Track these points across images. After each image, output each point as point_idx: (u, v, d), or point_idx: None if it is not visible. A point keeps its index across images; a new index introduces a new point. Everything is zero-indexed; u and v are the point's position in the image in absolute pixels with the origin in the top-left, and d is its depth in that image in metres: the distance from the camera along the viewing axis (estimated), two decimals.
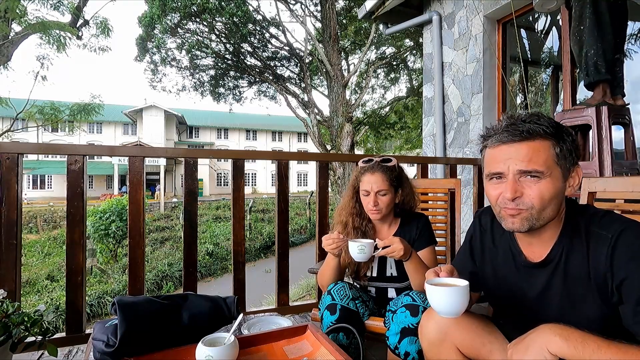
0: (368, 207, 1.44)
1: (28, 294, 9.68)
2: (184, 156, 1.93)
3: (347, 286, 1.40)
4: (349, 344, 1.28)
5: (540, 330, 0.73)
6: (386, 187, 1.43)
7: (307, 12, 12.73)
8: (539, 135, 0.80)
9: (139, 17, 12.12)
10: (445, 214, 2.03)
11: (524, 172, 0.80)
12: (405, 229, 1.49)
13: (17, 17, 8.57)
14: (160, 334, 1.08)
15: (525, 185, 0.81)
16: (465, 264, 1.08)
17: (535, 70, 4.61)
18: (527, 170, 0.80)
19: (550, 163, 0.80)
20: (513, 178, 0.81)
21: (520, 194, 0.81)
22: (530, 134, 0.80)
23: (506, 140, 0.82)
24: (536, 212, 0.81)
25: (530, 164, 0.79)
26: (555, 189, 0.80)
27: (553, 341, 0.69)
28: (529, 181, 0.80)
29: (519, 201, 0.81)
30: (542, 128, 0.80)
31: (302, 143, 36.60)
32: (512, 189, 0.81)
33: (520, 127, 0.81)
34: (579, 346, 0.67)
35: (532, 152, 0.80)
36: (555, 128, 0.82)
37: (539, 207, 0.80)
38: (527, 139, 0.80)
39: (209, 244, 14.06)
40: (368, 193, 1.44)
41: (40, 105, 10.82)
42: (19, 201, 1.62)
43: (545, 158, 0.80)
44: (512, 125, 0.82)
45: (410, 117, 15.38)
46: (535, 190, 0.80)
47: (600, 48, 1.92)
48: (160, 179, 23.25)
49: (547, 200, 0.80)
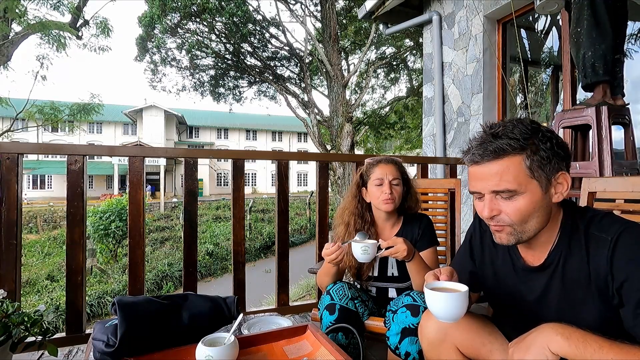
0: (382, 198, 1.42)
1: (28, 294, 9.68)
2: (184, 156, 1.93)
3: (347, 286, 1.40)
4: (348, 344, 1.28)
5: (542, 329, 0.72)
6: (399, 177, 1.45)
7: (307, 12, 12.73)
8: (506, 152, 0.79)
9: (139, 17, 12.12)
10: (445, 214, 2.03)
11: (496, 192, 0.81)
12: (408, 229, 1.49)
13: (17, 17, 8.57)
14: (160, 334, 1.08)
15: (502, 203, 0.81)
16: (464, 264, 1.08)
17: (535, 70, 4.61)
18: (498, 190, 0.80)
19: (522, 179, 0.79)
20: (489, 198, 0.82)
21: (498, 212, 0.82)
22: (498, 153, 0.79)
23: (477, 160, 0.82)
24: (518, 227, 0.81)
25: (502, 183, 0.79)
26: (533, 203, 0.80)
27: (554, 340, 0.68)
28: (503, 199, 0.81)
29: (498, 219, 0.82)
30: (510, 144, 0.78)
31: (302, 143, 36.60)
32: (488, 208, 0.82)
33: (489, 146, 0.80)
34: (580, 345, 0.66)
35: (502, 171, 0.79)
36: (527, 139, 0.79)
37: (518, 222, 0.81)
38: (496, 158, 0.79)
39: (209, 244, 14.05)
40: (381, 182, 1.43)
41: (40, 105, 10.82)
42: (19, 201, 1.62)
43: (515, 175, 0.78)
44: (482, 144, 0.81)
45: (410, 117, 15.38)
46: (510, 208, 0.80)
47: (598, 50, 1.92)
48: (160, 179, 23.24)
49: (526, 215, 0.80)
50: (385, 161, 1.48)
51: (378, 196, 1.43)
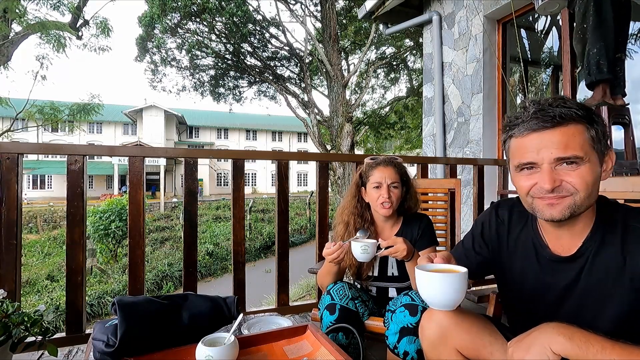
0: (379, 201, 1.42)
1: (28, 294, 9.67)
2: (184, 156, 1.93)
3: (347, 286, 1.40)
4: (348, 344, 1.28)
5: (543, 329, 0.71)
6: (398, 180, 1.44)
7: (307, 12, 12.73)
8: (572, 119, 0.75)
9: (139, 17, 12.12)
10: (445, 214, 2.03)
11: (560, 160, 0.76)
12: (408, 229, 1.49)
13: (17, 17, 8.57)
14: (160, 334, 1.08)
15: (563, 173, 0.76)
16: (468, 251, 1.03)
17: (535, 70, 4.61)
18: (564, 157, 0.75)
19: (587, 148, 0.75)
20: (549, 167, 0.76)
21: (559, 183, 0.76)
22: (563, 119, 0.75)
23: (536, 127, 0.77)
24: (580, 199, 0.76)
25: (568, 149, 0.74)
26: (595, 175, 0.76)
27: (556, 340, 0.67)
28: (567, 169, 0.76)
29: (559, 189, 0.77)
30: (573, 111, 0.75)
31: (302, 143, 36.60)
32: (550, 178, 0.76)
33: (550, 112, 0.76)
34: (582, 346, 0.65)
35: (568, 138, 0.75)
36: (586, 110, 0.77)
37: (584, 192, 0.76)
38: (560, 124, 0.75)
39: (209, 244, 14.05)
40: (380, 185, 1.43)
41: (40, 105, 10.81)
42: (19, 201, 1.62)
43: (582, 143, 0.75)
44: (541, 111, 0.76)
45: (410, 117, 15.39)
46: (575, 177, 0.75)
47: (602, 47, 1.92)
48: (160, 179, 23.24)
49: (590, 185, 0.76)
50: (384, 163, 1.47)
51: (376, 199, 1.43)
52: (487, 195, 2.91)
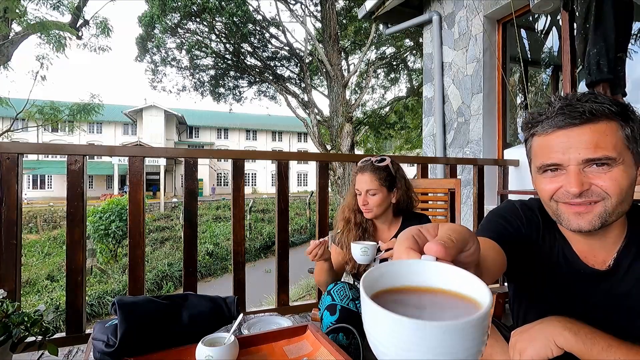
0: (359, 206, 1.48)
1: (28, 294, 9.67)
2: (184, 156, 1.93)
3: (347, 286, 1.40)
4: (349, 344, 1.28)
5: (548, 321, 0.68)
6: (375, 187, 1.45)
7: (307, 12, 12.74)
8: (603, 115, 0.66)
9: (139, 16, 12.13)
10: (445, 214, 2.03)
11: (590, 161, 0.67)
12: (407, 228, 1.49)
13: (17, 17, 8.57)
14: (160, 334, 1.08)
15: (593, 176, 0.67)
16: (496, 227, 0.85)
17: (535, 70, 4.61)
18: (594, 157, 0.66)
19: (621, 147, 0.66)
20: (576, 169, 0.67)
21: (588, 186, 0.67)
22: (594, 115, 0.66)
23: (563, 124, 0.68)
24: (611, 205, 0.67)
25: (599, 150, 0.65)
26: (630, 178, 0.67)
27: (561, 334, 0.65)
28: (597, 171, 0.67)
29: (588, 194, 0.68)
30: (606, 107, 0.66)
31: (302, 143, 36.61)
32: (577, 181, 0.67)
33: (579, 107, 0.67)
34: (588, 342, 0.63)
35: (599, 136, 0.66)
36: (620, 106, 0.67)
37: (616, 198, 0.67)
38: (590, 121, 0.66)
39: (209, 244, 14.04)
40: (360, 192, 1.47)
41: (40, 105, 10.81)
42: (19, 201, 1.62)
43: (614, 142, 0.66)
44: (569, 106, 0.68)
45: (410, 117, 15.39)
46: (607, 180, 0.66)
47: (603, 47, 1.92)
48: (160, 179, 23.24)
49: (624, 189, 0.67)
50: (362, 170, 1.49)
51: (360, 205, 1.48)
52: (487, 195, 2.91)
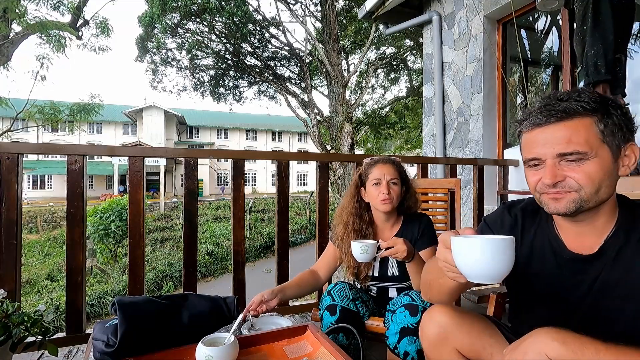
0: (379, 198, 1.41)
1: (28, 294, 9.67)
2: (184, 156, 1.93)
3: (347, 287, 1.40)
4: (349, 345, 1.28)
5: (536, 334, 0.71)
6: (397, 177, 1.44)
7: (307, 12, 12.73)
8: (577, 113, 0.73)
9: (139, 17, 12.12)
10: (445, 214, 2.03)
11: (563, 155, 0.74)
12: (408, 229, 1.49)
13: (16, 17, 8.57)
14: (160, 334, 1.08)
15: (567, 169, 0.74)
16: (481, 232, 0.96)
17: (535, 70, 4.61)
18: (567, 152, 0.73)
19: (594, 142, 0.72)
20: (552, 162, 0.75)
21: (562, 178, 0.75)
22: (567, 113, 0.73)
23: (541, 122, 0.76)
24: (586, 194, 0.74)
25: (570, 145, 0.73)
26: (603, 170, 0.73)
27: (551, 346, 0.67)
28: (571, 164, 0.74)
29: (561, 184, 0.75)
30: (580, 105, 0.73)
31: (302, 143, 36.61)
32: (551, 174, 0.75)
33: (556, 106, 0.74)
34: (577, 350, 0.65)
35: (571, 132, 0.73)
36: (598, 102, 0.74)
37: (588, 188, 0.73)
38: (564, 119, 0.74)
39: (209, 244, 14.05)
40: (379, 182, 1.43)
41: (40, 105, 10.81)
42: (19, 201, 1.62)
43: (587, 137, 0.72)
44: (547, 106, 0.75)
45: (410, 117, 15.39)
46: (580, 172, 0.73)
47: (600, 48, 1.92)
48: (160, 179, 23.25)
49: (596, 181, 0.73)
50: (383, 161, 1.48)
51: (376, 196, 1.43)
52: (487, 195, 2.91)
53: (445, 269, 0.76)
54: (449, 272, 0.76)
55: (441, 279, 0.87)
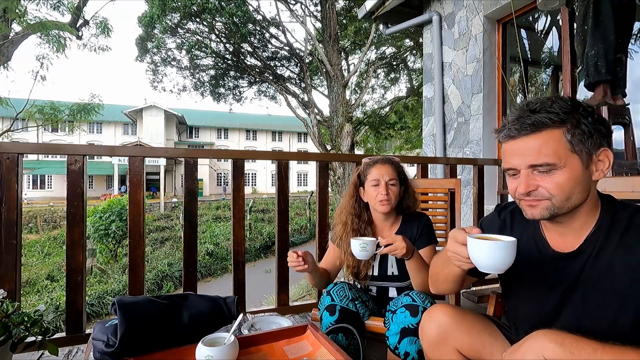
0: (378, 198, 1.42)
1: (28, 294, 9.67)
2: (184, 156, 1.93)
3: (347, 287, 1.40)
4: (348, 345, 1.28)
5: (534, 337, 0.72)
6: (396, 178, 1.45)
7: (307, 12, 12.73)
8: (545, 125, 0.77)
9: (139, 17, 12.12)
10: (445, 214, 2.03)
11: (534, 166, 0.78)
12: (407, 228, 1.49)
13: (17, 17, 8.57)
14: (160, 334, 1.08)
15: (539, 179, 0.79)
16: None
17: (535, 70, 4.61)
18: (536, 164, 0.77)
19: (563, 152, 0.76)
20: (525, 172, 0.80)
21: (535, 187, 0.79)
22: (537, 126, 0.77)
23: (514, 134, 0.80)
24: (558, 202, 0.78)
25: (540, 157, 0.77)
26: (573, 178, 0.77)
27: (548, 348, 0.68)
28: (541, 174, 0.78)
29: (535, 193, 0.80)
30: (549, 117, 0.76)
31: (302, 143, 36.60)
32: (524, 183, 0.79)
33: (527, 119, 0.78)
34: (574, 351, 0.66)
35: (541, 145, 0.77)
36: (568, 113, 0.77)
37: (559, 196, 0.78)
38: (534, 132, 0.77)
39: (209, 244, 14.05)
40: (378, 183, 1.43)
41: (40, 105, 10.81)
42: (19, 201, 1.62)
43: (555, 148, 0.76)
44: (520, 118, 0.79)
45: (410, 117, 15.38)
46: (550, 183, 0.77)
47: (601, 48, 1.92)
48: (160, 179, 23.25)
49: (566, 189, 0.77)
50: (381, 161, 1.48)
51: (374, 197, 1.44)
52: (487, 195, 2.91)
53: (454, 258, 0.85)
54: (456, 261, 0.85)
55: (447, 269, 0.96)
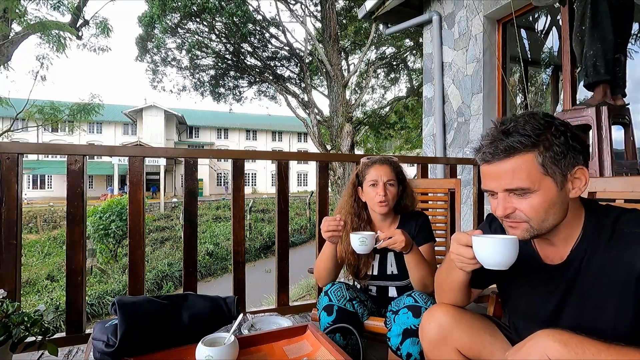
0: (376, 199, 1.42)
1: (28, 294, 9.68)
2: (184, 156, 1.93)
3: (344, 287, 1.40)
4: (346, 345, 1.28)
5: (538, 336, 0.71)
6: (394, 179, 1.45)
7: (307, 12, 12.73)
8: (518, 150, 0.77)
9: (139, 16, 12.12)
10: (445, 214, 2.03)
11: (509, 190, 0.80)
12: (405, 227, 1.49)
13: (17, 17, 8.57)
14: (160, 334, 1.08)
15: (516, 201, 0.80)
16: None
17: (535, 70, 4.61)
18: (511, 188, 0.79)
19: (536, 176, 0.77)
20: (502, 196, 0.81)
21: (512, 210, 0.81)
22: (509, 152, 0.78)
23: (489, 159, 0.81)
24: (535, 224, 0.80)
25: (514, 181, 0.78)
26: (548, 201, 0.78)
27: (552, 347, 0.68)
28: (517, 197, 0.80)
29: (513, 216, 0.81)
30: (521, 141, 0.77)
31: (302, 143, 36.60)
32: (502, 206, 0.81)
33: (500, 144, 0.79)
34: (579, 351, 0.66)
35: (514, 170, 0.78)
36: (540, 134, 0.77)
37: (535, 219, 0.79)
38: (508, 157, 0.78)
39: (209, 244, 14.05)
40: (376, 183, 1.43)
41: (40, 105, 10.82)
42: (19, 201, 1.62)
43: (528, 172, 0.77)
44: (493, 142, 0.80)
45: (410, 117, 15.38)
46: (526, 206, 0.79)
47: (599, 49, 1.92)
48: (160, 179, 23.24)
49: (541, 212, 0.79)
50: (379, 162, 1.48)
51: (372, 197, 1.44)
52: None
53: (457, 260, 0.87)
54: (459, 262, 0.87)
55: (451, 275, 0.97)
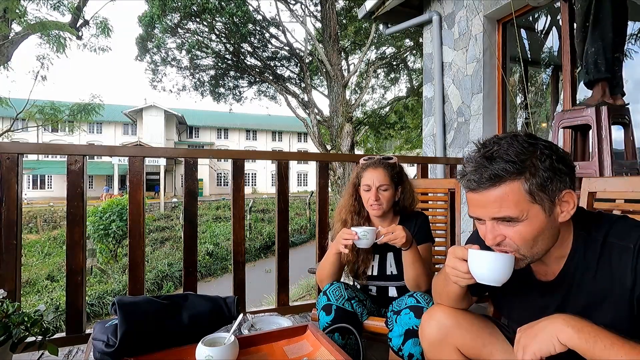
0: (369, 203, 1.45)
1: (28, 294, 9.68)
2: (184, 156, 1.93)
3: (343, 286, 1.40)
4: (344, 345, 1.28)
5: (553, 319, 0.71)
6: (387, 182, 1.45)
7: (307, 12, 12.73)
8: (503, 179, 0.74)
9: (139, 16, 12.12)
10: (445, 214, 2.03)
11: (497, 219, 0.78)
12: (404, 226, 1.49)
13: (17, 17, 8.58)
14: (160, 334, 1.08)
15: (504, 229, 0.78)
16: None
17: (535, 70, 4.61)
18: (499, 217, 0.77)
19: (524, 205, 0.75)
20: (490, 224, 0.79)
21: (503, 238, 0.79)
22: (494, 180, 0.75)
23: (474, 187, 0.78)
24: (525, 251, 0.78)
25: (502, 210, 0.76)
26: (537, 228, 0.76)
27: (565, 331, 0.67)
28: (505, 225, 0.77)
29: (503, 244, 0.79)
30: (506, 168, 0.74)
31: (302, 143, 36.60)
32: (491, 236, 0.79)
33: (485, 172, 0.76)
34: (590, 340, 0.65)
35: (501, 199, 0.75)
36: (525, 159, 0.74)
37: (524, 247, 0.78)
38: (494, 185, 0.75)
39: (209, 244, 14.05)
40: (369, 188, 1.44)
41: (40, 105, 10.81)
42: (19, 201, 1.62)
43: (515, 201, 0.74)
44: (477, 169, 0.77)
45: (410, 117, 15.38)
46: (514, 234, 0.77)
47: (600, 46, 1.93)
48: (160, 179, 23.25)
49: (530, 240, 0.77)
50: (373, 166, 1.48)
51: (366, 200, 1.46)
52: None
53: (452, 274, 0.86)
54: (453, 276, 0.86)
55: (447, 288, 0.97)
